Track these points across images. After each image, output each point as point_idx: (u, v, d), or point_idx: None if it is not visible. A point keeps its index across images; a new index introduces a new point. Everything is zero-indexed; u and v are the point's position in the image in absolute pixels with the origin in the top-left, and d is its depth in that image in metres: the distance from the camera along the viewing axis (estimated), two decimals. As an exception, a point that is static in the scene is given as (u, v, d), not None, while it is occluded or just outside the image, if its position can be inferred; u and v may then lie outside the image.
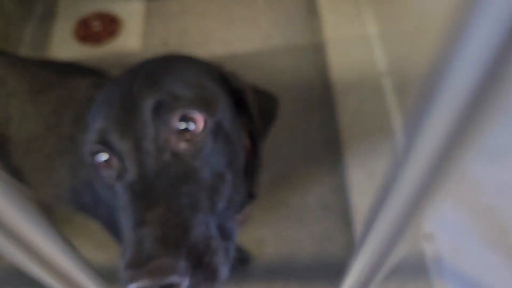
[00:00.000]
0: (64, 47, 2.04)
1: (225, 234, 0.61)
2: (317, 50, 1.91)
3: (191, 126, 0.61)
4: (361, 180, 1.47)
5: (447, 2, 1.08)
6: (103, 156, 0.63)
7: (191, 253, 0.54)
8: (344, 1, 1.94)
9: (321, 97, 1.81)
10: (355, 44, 1.78)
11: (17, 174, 1.07)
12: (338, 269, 0.32)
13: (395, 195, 0.26)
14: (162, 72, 0.65)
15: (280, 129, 1.72)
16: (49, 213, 1.60)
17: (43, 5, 2.21)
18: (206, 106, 0.63)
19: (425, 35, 1.27)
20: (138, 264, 0.52)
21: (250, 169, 0.81)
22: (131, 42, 2.04)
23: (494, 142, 0.89)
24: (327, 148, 1.68)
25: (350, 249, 1.47)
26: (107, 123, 0.62)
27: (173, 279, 0.51)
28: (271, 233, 1.51)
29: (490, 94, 0.19)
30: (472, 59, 0.18)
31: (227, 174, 0.65)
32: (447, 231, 1.28)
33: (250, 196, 0.86)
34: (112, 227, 1.00)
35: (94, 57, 1.99)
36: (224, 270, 0.57)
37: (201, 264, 0.55)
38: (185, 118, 0.61)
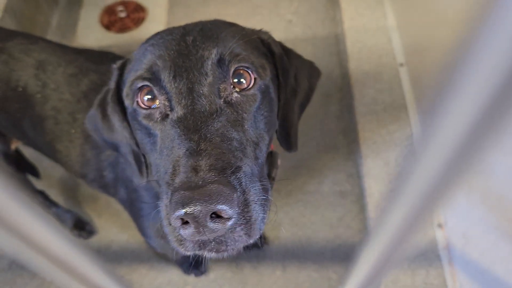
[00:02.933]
0: (90, 33, 2.06)
1: (263, 189, 0.61)
2: (337, 39, 1.89)
3: (243, 81, 0.65)
4: (377, 168, 1.46)
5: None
6: (147, 95, 0.65)
7: (242, 194, 0.54)
8: (364, -10, 1.91)
9: (339, 86, 1.79)
10: (374, 34, 1.75)
11: (49, 151, 1.11)
12: (352, 254, 0.33)
13: (410, 185, 0.25)
14: (217, 30, 0.69)
15: (298, 117, 1.71)
16: (75, 194, 1.63)
17: (70, -8, 2.22)
18: (257, 67, 0.67)
19: (444, 27, 1.25)
20: (192, 187, 0.51)
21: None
22: (155, 29, 2.04)
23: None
24: (344, 136, 1.67)
25: (364, 234, 1.47)
26: (159, 61, 0.64)
27: (225, 207, 0.50)
28: (287, 218, 1.52)
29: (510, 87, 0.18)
30: (493, 50, 0.17)
31: (266, 137, 0.68)
32: (459, 219, 1.27)
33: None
34: (132, 204, 1.02)
35: (119, 43, 2.01)
36: (260, 226, 0.57)
37: (245, 212, 0.54)
38: (238, 74, 0.65)
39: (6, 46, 1.07)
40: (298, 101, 0.81)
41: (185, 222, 0.51)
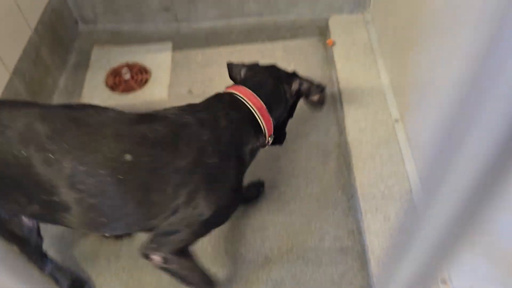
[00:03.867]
0: (95, 94, 2.11)
1: None
2: (334, 98, 1.94)
3: None
4: (377, 223, 1.45)
5: (458, 55, 1.10)
6: None
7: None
8: (358, 53, 1.98)
9: (337, 143, 1.82)
10: (369, 93, 1.80)
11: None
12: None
13: (415, 242, 0.26)
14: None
15: (298, 174, 1.73)
16: (73, 251, 1.60)
17: (76, 56, 2.30)
18: None
19: (435, 86, 1.29)
20: None
21: None
22: (159, 90, 2.10)
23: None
24: (343, 192, 1.68)
25: (367, 292, 1.43)
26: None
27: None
28: (288, 275, 1.49)
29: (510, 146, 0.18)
30: (488, 107, 0.18)
31: None
32: (463, 274, 1.24)
33: None
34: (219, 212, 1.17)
35: (123, 103, 2.05)
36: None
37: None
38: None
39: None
40: None
41: None
